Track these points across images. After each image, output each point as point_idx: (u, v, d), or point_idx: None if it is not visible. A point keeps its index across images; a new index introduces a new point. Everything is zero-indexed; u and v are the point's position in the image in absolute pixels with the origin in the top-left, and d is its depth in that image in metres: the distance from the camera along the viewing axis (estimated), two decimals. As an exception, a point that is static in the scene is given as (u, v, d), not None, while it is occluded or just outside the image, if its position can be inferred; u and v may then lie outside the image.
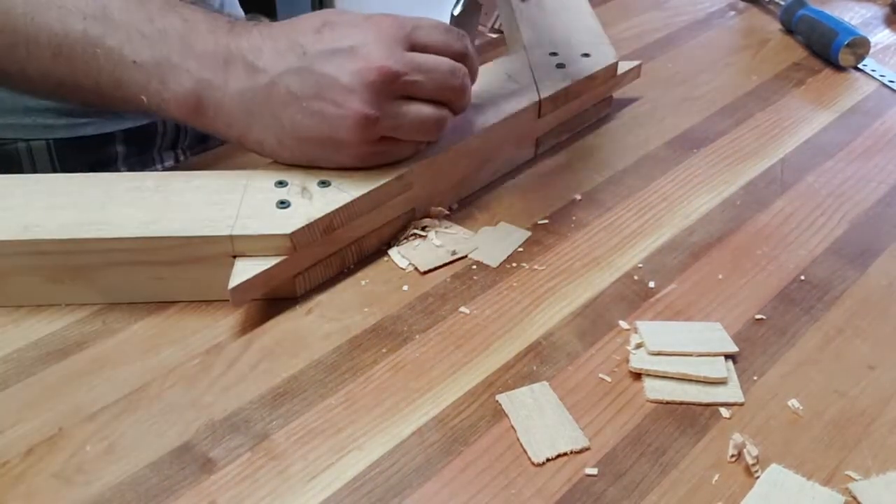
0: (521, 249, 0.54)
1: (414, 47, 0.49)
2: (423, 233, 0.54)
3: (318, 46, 0.47)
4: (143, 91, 0.48)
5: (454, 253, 0.53)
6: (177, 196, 0.48)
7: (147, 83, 0.48)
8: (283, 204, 0.48)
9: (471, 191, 0.59)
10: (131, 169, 0.72)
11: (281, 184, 0.49)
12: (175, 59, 0.47)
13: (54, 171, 0.69)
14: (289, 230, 0.46)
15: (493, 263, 0.52)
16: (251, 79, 0.47)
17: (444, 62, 0.49)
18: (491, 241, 0.54)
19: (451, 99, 0.51)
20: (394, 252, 0.53)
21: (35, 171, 0.68)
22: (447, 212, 0.57)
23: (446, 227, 0.55)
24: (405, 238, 0.54)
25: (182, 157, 0.76)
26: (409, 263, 0.52)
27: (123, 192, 0.48)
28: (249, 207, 0.47)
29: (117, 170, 0.71)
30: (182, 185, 0.49)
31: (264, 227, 0.46)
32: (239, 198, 0.48)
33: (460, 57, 0.51)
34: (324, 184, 0.50)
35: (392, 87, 0.47)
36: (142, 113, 0.51)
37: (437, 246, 0.53)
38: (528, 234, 0.55)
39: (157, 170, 0.74)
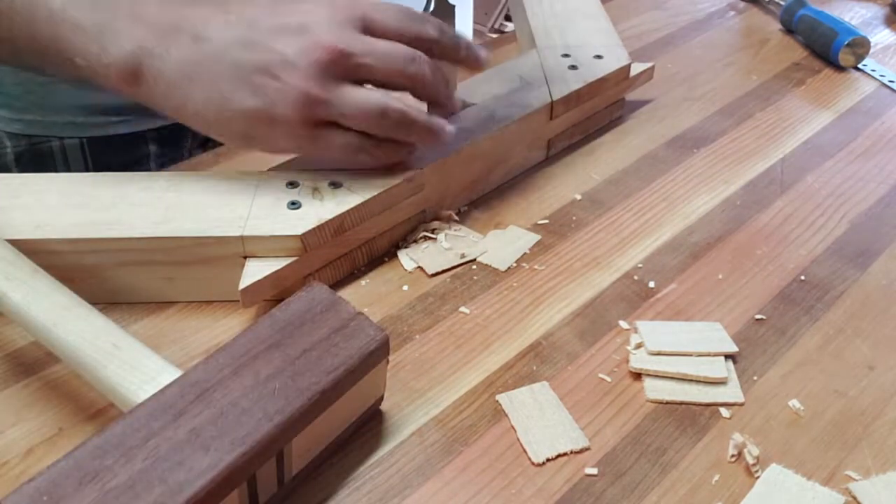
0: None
1: (369, 30, 0.46)
2: (432, 235, 0.54)
3: (270, 21, 0.45)
4: (81, 54, 0.45)
5: (463, 256, 0.52)
6: (188, 196, 0.48)
7: (87, 46, 0.45)
8: (294, 205, 0.48)
9: (482, 193, 0.59)
10: (162, 167, 0.72)
11: (292, 184, 0.49)
12: (119, 24, 0.45)
13: (87, 169, 0.69)
14: (300, 231, 0.46)
15: (502, 267, 0.52)
16: (195, 47, 0.45)
17: (399, 48, 0.46)
18: (499, 245, 0.54)
19: (410, 87, 0.47)
20: (402, 254, 0.53)
21: (68, 170, 0.68)
22: (456, 217, 0.56)
23: (455, 230, 0.55)
24: (413, 240, 0.54)
25: None
26: (417, 266, 0.52)
27: (135, 192, 0.48)
28: (260, 208, 0.47)
29: (149, 168, 0.72)
30: (193, 185, 0.49)
31: (275, 228, 0.46)
32: (250, 198, 0.48)
33: (421, 42, 0.47)
34: (335, 185, 0.50)
35: (339, 69, 0.45)
36: (78, 78, 0.47)
37: (446, 249, 0.53)
38: (538, 237, 0.54)
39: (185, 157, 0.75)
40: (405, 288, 0.50)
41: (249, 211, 0.47)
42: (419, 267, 0.52)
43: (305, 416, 0.34)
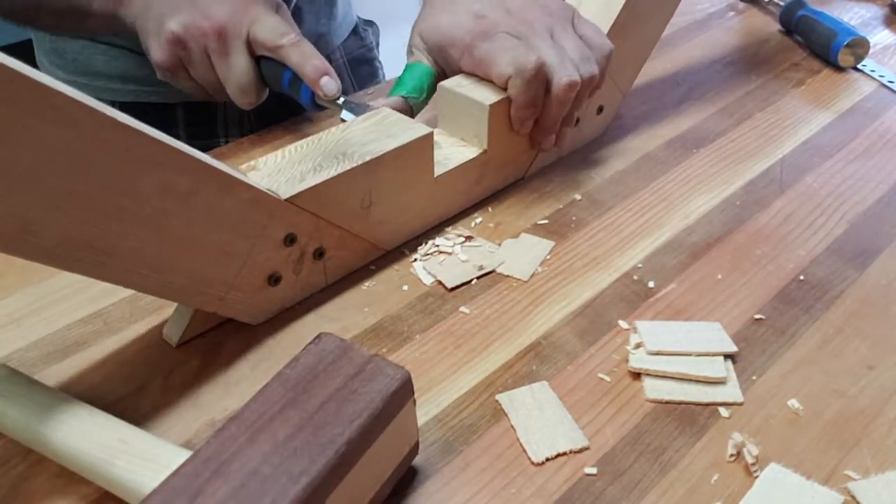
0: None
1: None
2: (448, 248, 0.53)
3: None
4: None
5: (481, 268, 0.52)
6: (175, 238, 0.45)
7: None
8: (274, 280, 0.47)
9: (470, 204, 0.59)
10: (192, 136, 0.77)
11: (290, 240, 0.47)
12: None
13: None
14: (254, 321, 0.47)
15: (524, 277, 0.51)
16: None
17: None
18: (517, 254, 0.53)
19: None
20: (418, 267, 0.52)
21: None
22: (468, 233, 0.55)
23: (471, 242, 0.54)
24: (428, 253, 0.53)
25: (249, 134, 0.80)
26: (435, 279, 0.51)
27: None
28: (245, 276, 0.46)
29: (177, 134, 0.73)
30: (181, 229, 0.45)
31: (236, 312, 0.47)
32: (240, 263, 0.46)
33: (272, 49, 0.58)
34: (320, 253, 0.49)
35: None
36: (101, 27, 0.62)
37: (464, 261, 0.52)
38: (552, 244, 0.54)
39: (219, 143, 0.78)
40: (405, 288, 0.51)
41: (235, 279, 0.45)
42: (438, 281, 0.51)
43: (335, 473, 0.32)
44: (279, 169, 0.47)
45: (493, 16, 0.55)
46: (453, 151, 0.57)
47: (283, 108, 0.76)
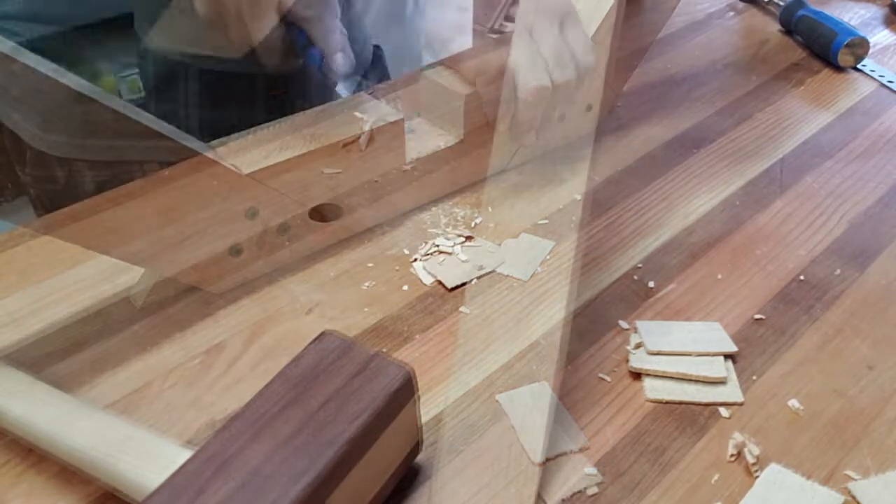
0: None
1: None
2: (448, 248, 0.53)
3: None
4: None
5: (481, 268, 0.52)
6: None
7: None
8: (236, 252, 0.48)
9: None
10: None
11: (252, 213, 0.48)
12: None
13: None
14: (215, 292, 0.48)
15: (524, 277, 0.51)
16: None
17: None
18: (517, 254, 0.53)
19: None
20: (419, 267, 0.52)
21: None
22: (469, 233, 0.55)
23: (471, 242, 0.54)
24: (428, 253, 0.53)
25: None
26: (435, 279, 0.51)
27: None
28: (209, 240, 0.47)
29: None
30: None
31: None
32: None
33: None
34: (284, 229, 0.50)
35: None
36: None
37: (464, 261, 0.52)
38: (552, 244, 0.54)
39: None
40: (405, 288, 0.51)
41: (195, 248, 0.46)
42: (438, 281, 0.51)
43: (336, 472, 0.32)
44: (248, 146, 0.48)
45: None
46: (430, 139, 0.57)
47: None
